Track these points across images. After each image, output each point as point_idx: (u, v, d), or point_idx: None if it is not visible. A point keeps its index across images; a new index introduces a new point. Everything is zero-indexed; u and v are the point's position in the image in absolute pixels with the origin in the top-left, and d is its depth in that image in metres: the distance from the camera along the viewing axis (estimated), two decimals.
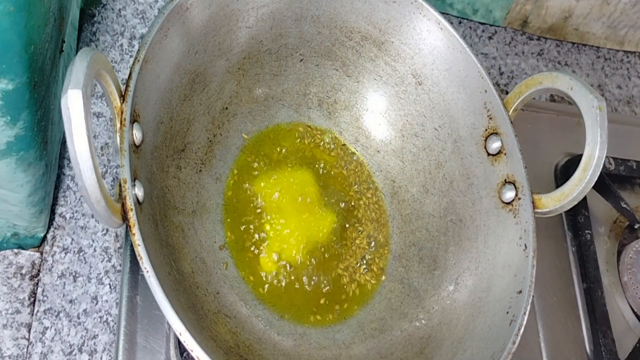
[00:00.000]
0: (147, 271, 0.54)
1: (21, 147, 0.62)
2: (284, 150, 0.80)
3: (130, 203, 0.56)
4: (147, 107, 0.63)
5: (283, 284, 0.73)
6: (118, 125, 0.58)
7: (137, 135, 0.60)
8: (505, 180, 0.73)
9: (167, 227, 0.65)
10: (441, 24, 0.76)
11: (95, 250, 0.76)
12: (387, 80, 0.81)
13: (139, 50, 0.62)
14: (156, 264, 0.55)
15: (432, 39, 0.78)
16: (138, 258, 0.54)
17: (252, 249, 0.74)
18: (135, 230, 0.55)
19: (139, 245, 0.54)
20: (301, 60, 0.81)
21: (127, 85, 0.59)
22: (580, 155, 0.68)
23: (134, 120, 0.59)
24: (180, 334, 0.53)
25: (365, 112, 0.83)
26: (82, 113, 0.50)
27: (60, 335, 0.72)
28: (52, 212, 0.77)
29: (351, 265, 0.77)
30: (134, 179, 0.57)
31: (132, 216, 0.55)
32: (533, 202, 0.70)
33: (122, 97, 0.59)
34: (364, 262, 0.77)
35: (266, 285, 0.73)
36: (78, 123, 0.50)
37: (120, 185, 0.57)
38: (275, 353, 0.68)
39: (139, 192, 0.58)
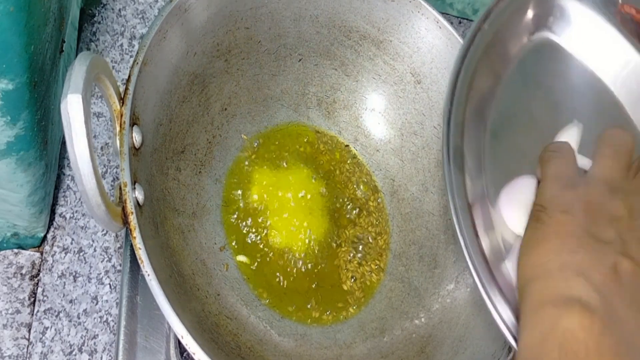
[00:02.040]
0: (149, 274, 0.54)
1: (21, 147, 0.62)
2: (283, 150, 0.80)
3: (130, 207, 0.56)
4: (147, 110, 0.63)
5: (283, 284, 0.73)
6: (118, 128, 0.58)
7: (137, 138, 0.60)
8: None
9: (167, 230, 0.65)
10: (440, 22, 0.76)
11: (95, 250, 0.76)
12: (386, 79, 0.81)
13: (137, 52, 0.62)
14: (157, 267, 0.55)
15: (430, 37, 0.78)
16: (139, 261, 0.54)
17: (252, 249, 0.74)
18: (136, 233, 0.55)
19: (140, 248, 0.55)
20: (300, 60, 0.81)
21: (126, 88, 0.59)
22: None
23: (133, 123, 0.59)
24: (182, 337, 0.53)
25: (364, 111, 0.83)
26: (82, 118, 0.50)
27: (60, 335, 0.72)
28: (52, 212, 0.77)
29: (351, 265, 0.77)
30: (134, 182, 0.58)
31: (132, 220, 0.56)
32: None
33: (122, 100, 0.59)
34: (364, 261, 0.77)
35: (266, 286, 0.73)
36: (78, 128, 0.50)
37: (120, 188, 0.57)
38: (276, 354, 0.68)
39: (139, 195, 0.58)
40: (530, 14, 0.68)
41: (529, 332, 0.45)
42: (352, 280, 0.76)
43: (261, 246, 0.74)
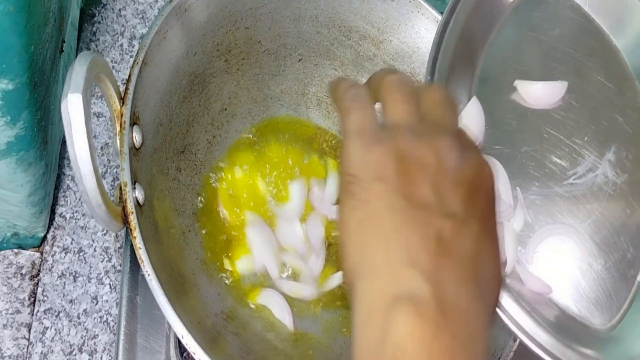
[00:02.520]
0: (149, 274, 0.54)
1: (21, 147, 0.62)
2: (283, 149, 0.80)
3: (130, 206, 0.56)
4: (147, 110, 0.63)
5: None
6: (118, 128, 0.58)
7: (137, 138, 0.60)
8: None
9: (167, 229, 0.65)
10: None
11: (95, 250, 0.76)
12: None
13: (137, 52, 0.62)
14: (157, 267, 0.55)
15: (430, 37, 0.77)
16: (139, 261, 0.54)
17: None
18: (136, 233, 0.55)
19: (140, 248, 0.55)
20: (300, 60, 0.81)
21: (127, 88, 0.59)
22: None
23: (133, 123, 0.59)
24: (183, 337, 0.53)
25: None
26: (82, 117, 0.50)
27: (60, 335, 0.72)
28: (52, 212, 0.77)
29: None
30: (134, 182, 0.58)
31: (132, 219, 0.56)
32: None
33: (122, 100, 0.59)
34: None
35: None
36: (78, 127, 0.50)
37: (120, 188, 0.57)
38: (276, 354, 0.68)
39: (140, 195, 0.58)
40: None
41: (361, 349, 0.43)
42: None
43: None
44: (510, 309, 0.55)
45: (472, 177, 0.46)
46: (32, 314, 0.73)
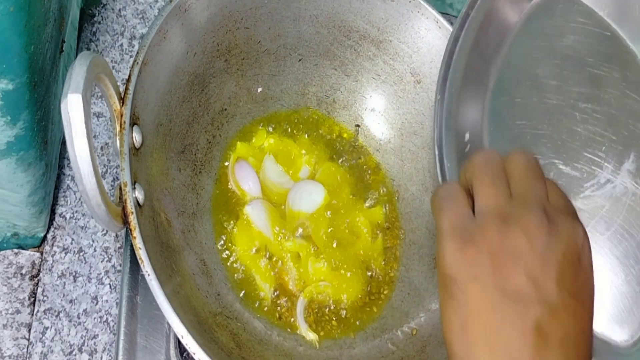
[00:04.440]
0: (149, 274, 0.54)
1: (21, 147, 0.62)
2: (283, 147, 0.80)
3: (130, 206, 0.56)
4: (147, 110, 0.63)
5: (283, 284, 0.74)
6: (118, 128, 0.58)
7: (137, 138, 0.60)
8: None
9: (167, 230, 0.65)
10: (439, 22, 0.76)
11: (95, 250, 0.76)
12: (386, 79, 0.81)
13: (137, 52, 0.62)
14: (157, 267, 0.55)
15: (430, 37, 0.78)
16: (139, 261, 0.54)
17: (252, 249, 0.74)
18: (136, 233, 0.55)
19: (140, 248, 0.55)
20: (300, 60, 0.81)
21: (127, 88, 0.59)
22: None
23: (133, 123, 0.59)
24: (182, 337, 0.53)
25: (364, 111, 0.83)
26: (82, 117, 0.50)
27: (60, 335, 0.72)
28: (52, 212, 0.77)
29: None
30: (134, 182, 0.58)
31: (132, 219, 0.56)
32: None
33: (122, 100, 0.59)
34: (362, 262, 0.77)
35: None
36: (78, 127, 0.50)
37: (120, 188, 0.57)
38: (276, 354, 0.68)
39: (139, 195, 0.58)
40: None
41: None
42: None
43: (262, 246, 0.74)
44: None
45: (564, 250, 0.46)
46: (32, 314, 0.72)
